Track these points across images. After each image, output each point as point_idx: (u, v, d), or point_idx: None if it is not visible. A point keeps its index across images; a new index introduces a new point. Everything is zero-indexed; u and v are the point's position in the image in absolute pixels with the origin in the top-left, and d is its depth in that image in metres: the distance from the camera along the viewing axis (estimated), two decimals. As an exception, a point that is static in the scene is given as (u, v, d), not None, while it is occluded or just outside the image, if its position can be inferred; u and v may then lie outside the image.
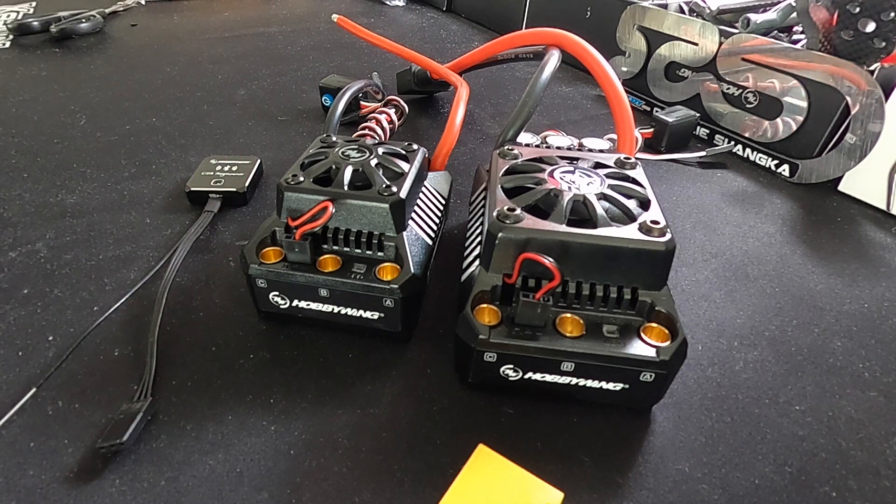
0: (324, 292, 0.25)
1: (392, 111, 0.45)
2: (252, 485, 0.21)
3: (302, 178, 0.26)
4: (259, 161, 0.39)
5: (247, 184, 0.37)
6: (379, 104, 0.47)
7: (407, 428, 0.23)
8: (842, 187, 0.41)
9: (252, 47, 0.68)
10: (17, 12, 0.78)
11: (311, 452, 0.22)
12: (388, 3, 0.90)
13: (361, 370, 0.25)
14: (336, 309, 0.25)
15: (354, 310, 0.25)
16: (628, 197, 0.24)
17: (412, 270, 0.24)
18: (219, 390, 0.24)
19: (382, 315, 0.25)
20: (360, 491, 0.20)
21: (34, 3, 0.83)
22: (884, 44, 0.36)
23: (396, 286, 0.24)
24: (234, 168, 0.38)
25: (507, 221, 0.22)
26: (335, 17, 0.51)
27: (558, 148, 0.32)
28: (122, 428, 0.21)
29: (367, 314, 0.25)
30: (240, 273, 0.30)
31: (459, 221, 0.36)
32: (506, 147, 0.29)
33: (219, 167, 0.38)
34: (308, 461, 0.21)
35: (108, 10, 0.76)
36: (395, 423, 0.23)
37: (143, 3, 0.84)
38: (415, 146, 0.30)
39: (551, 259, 0.21)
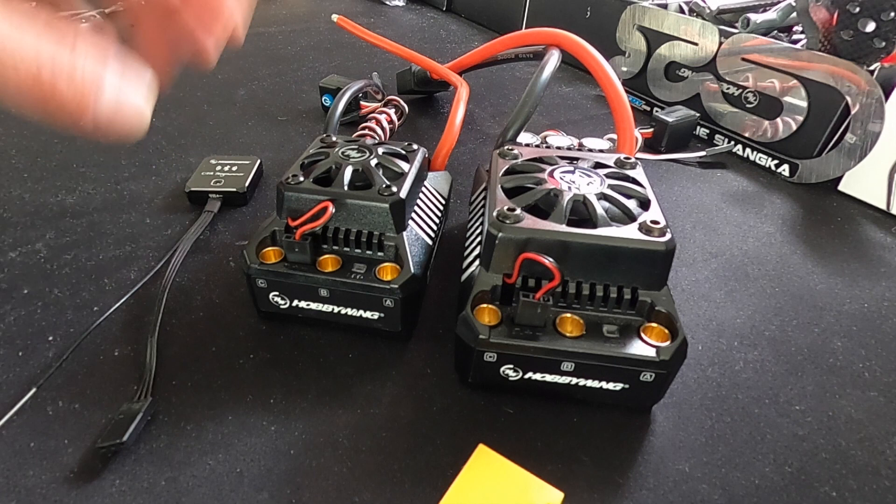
0: (324, 292, 0.25)
1: (392, 111, 0.45)
2: (252, 485, 0.21)
3: (302, 178, 0.26)
4: (259, 161, 0.39)
5: (247, 184, 0.37)
6: (379, 104, 0.47)
7: (407, 428, 0.23)
8: (842, 187, 0.41)
9: (252, 47, 0.68)
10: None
11: (311, 452, 0.22)
12: (388, 3, 0.90)
13: (361, 370, 0.25)
14: (336, 309, 0.25)
15: (354, 310, 0.25)
16: (628, 197, 0.24)
17: (412, 270, 0.24)
18: (219, 390, 0.24)
19: (382, 315, 0.25)
20: (360, 491, 0.20)
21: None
22: (884, 44, 0.36)
23: (396, 286, 0.24)
24: (234, 168, 0.38)
25: (507, 221, 0.22)
26: (335, 17, 0.51)
27: (558, 148, 0.32)
28: (122, 428, 0.21)
29: (367, 314, 0.25)
30: (240, 273, 0.30)
31: (459, 221, 0.36)
32: (506, 147, 0.29)
33: (219, 167, 0.38)
34: (308, 461, 0.21)
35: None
36: (395, 423, 0.23)
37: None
38: (415, 146, 0.30)
39: (551, 259, 0.21)
